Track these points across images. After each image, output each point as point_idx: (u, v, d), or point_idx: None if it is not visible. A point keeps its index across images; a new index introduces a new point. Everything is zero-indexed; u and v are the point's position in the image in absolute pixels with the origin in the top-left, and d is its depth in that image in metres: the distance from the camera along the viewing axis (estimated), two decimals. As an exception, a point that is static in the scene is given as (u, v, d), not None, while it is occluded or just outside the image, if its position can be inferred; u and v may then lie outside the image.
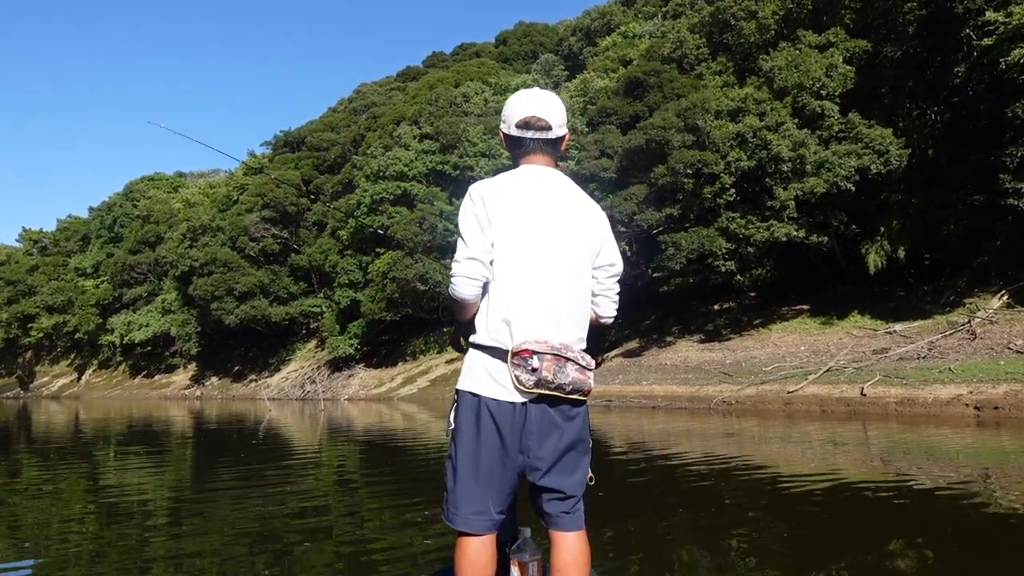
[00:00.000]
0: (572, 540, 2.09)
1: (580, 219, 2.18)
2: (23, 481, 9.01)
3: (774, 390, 15.54)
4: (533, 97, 2.23)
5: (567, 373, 2.01)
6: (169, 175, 58.26)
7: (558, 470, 2.08)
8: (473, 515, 2.02)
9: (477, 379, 2.07)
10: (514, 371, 2.00)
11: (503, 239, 2.07)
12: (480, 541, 2.02)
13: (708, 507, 6.01)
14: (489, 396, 2.03)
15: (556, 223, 2.12)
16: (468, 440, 2.05)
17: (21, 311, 52.43)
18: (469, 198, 2.12)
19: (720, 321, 23.19)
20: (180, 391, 43.75)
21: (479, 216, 2.07)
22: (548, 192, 2.16)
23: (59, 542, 5.37)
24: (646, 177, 20.89)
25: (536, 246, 2.09)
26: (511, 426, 2.02)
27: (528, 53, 44.61)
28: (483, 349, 2.08)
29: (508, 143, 2.26)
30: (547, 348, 2.01)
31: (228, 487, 8.02)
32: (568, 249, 2.13)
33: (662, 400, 17.66)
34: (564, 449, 2.07)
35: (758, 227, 19.67)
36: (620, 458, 9.79)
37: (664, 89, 22.44)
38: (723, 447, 10.30)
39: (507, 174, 2.19)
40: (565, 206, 2.17)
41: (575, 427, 2.09)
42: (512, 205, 2.09)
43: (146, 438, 15.75)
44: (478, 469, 2.03)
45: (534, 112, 2.20)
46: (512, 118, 2.21)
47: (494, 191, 2.11)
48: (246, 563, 4.63)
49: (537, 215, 2.10)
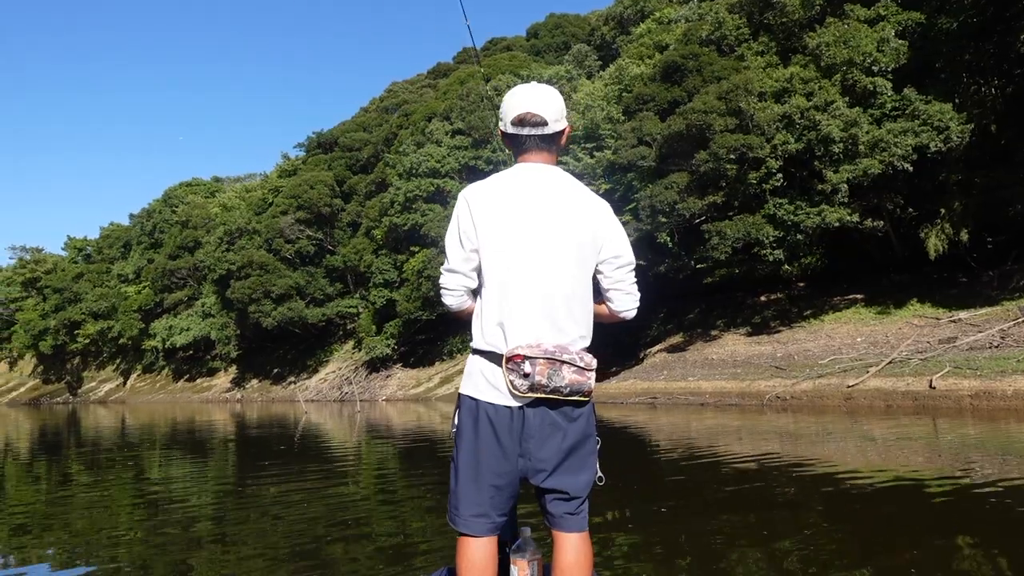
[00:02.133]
0: (575, 541, 2.07)
1: (576, 215, 2.10)
2: (75, 485, 9.16)
3: (832, 384, 14.62)
4: (528, 92, 2.17)
5: (563, 376, 1.99)
6: (206, 180, 58.94)
7: (562, 471, 2.06)
8: (473, 517, 2.03)
9: (476, 384, 2.08)
10: (508, 376, 1.99)
11: (492, 242, 2.05)
12: (481, 542, 2.02)
13: (760, 507, 5.66)
14: (486, 400, 2.04)
15: (548, 221, 2.07)
16: (468, 443, 2.06)
17: (68, 318, 53.46)
18: (458, 201, 2.11)
19: (768, 313, 22.20)
20: (221, 394, 44.08)
21: (462, 223, 2.08)
22: (541, 190, 2.10)
23: (109, 545, 5.46)
24: (687, 164, 20.03)
25: (527, 247, 2.05)
26: (509, 430, 2.02)
27: (560, 45, 43.77)
28: (480, 354, 2.09)
29: (506, 141, 2.21)
30: (540, 352, 1.99)
31: (269, 488, 8.04)
32: (562, 247, 2.07)
33: (710, 397, 16.83)
34: (568, 450, 2.06)
35: (808, 213, 18.68)
36: (667, 457, 9.22)
37: (703, 72, 21.52)
38: (777, 445, 9.63)
39: (500, 174, 2.15)
40: (559, 203, 2.10)
41: (578, 428, 2.08)
42: (501, 207, 2.06)
43: (190, 442, 15.83)
44: (478, 472, 2.04)
45: (528, 108, 2.14)
46: (508, 115, 2.16)
47: (482, 195, 2.09)
48: (289, 561, 4.68)
49: (528, 215, 2.06)
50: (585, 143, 24.31)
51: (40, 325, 55.76)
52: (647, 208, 20.24)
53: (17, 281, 61.44)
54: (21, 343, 57.90)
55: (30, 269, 60.99)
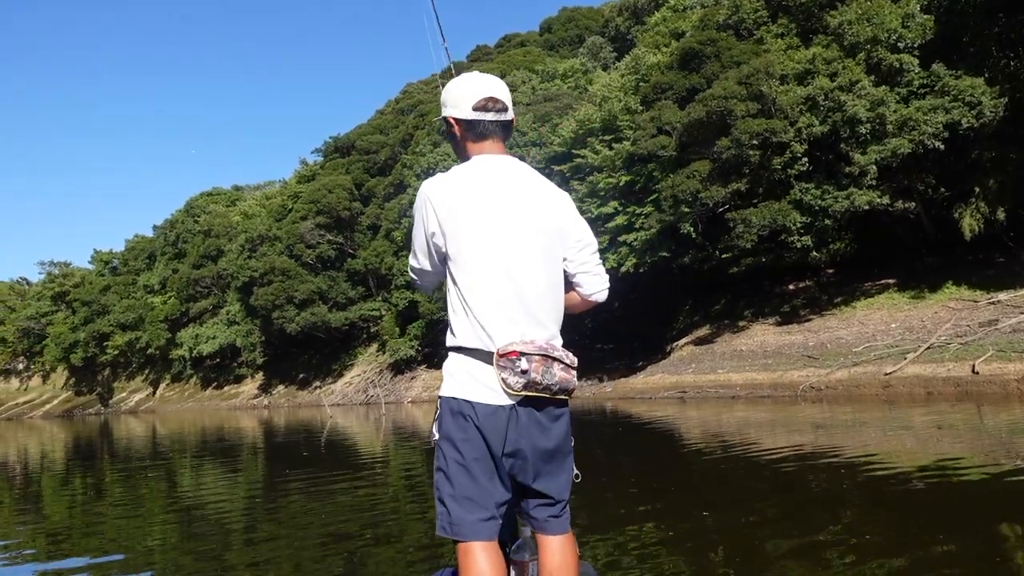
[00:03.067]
0: (560, 543, 2.04)
1: (543, 206, 2.08)
2: (109, 494, 9.37)
3: (868, 372, 14.14)
4: (486, 79, 2.15)
5: (554, 373, 1.96)
6: (227, 189, 59.37)
7: (545, 474, 2.03)
8: (479, 522, 1.94)
9: (461, 383, 1.99)
10: (501, 373, 1.94)
11: (467, 240, 2.00)
12: (490, 547, 1.94)
13: (795, 499, 5.57)
14: (475, 400, 1.96)
15: (520, 215, 2.03)
16: (458, 447, 1.97)
17: (97, 330, 54.15)
18: (420, 193, 2.05)
19: (797, 301, 21.67)
20: (249, 401, 44.34)
21: (427, 223, 2.03)
22: (508, 183, 2.06)
23: (143, 551, 5.59)
24: (709, 152, 19.59)
25: (506, 242, 2.01)
26: (497, 429, 1.95)
27: (574, 38, 43.43)
28: (465, 352, 2.01)
29: (460, 128, 2.12)
30: (534, 348, 1.95)
31: (297, 492, 8.17)
32: (536, 241, 2.05)
33: (741, 389, 16.42)
34: (551, 452, 2.02)
35: (835, 197, 18.15)
36: (698, 451, 8.93)
37: (722, 58, 21.04)
38: (811, 436, 9.31)
39: (461, 168, 2.08)
40: (527, 196, 2.07)
41: (561, 428, 2.05)
42: (470, 203, 2.00)
43: (219, 449, 15.93)
44: (474, 475, 1.96)
45: (491, 93, 2.11)
46: (466, 100, 2.10)
47: (446, 191, 2.02)
48: (318, 563, 4.75)
49: (500, 209, 2.02)
50: (603, 135, 23.94)
51: (70, 338, 56.57)
52: (669, 198, 19.84)
53: (47, 296, 62.41)
54: (53, 356, 58.78)
55: (59, 283, 61.91)
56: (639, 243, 21.71)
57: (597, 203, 23.05)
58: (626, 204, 22.58)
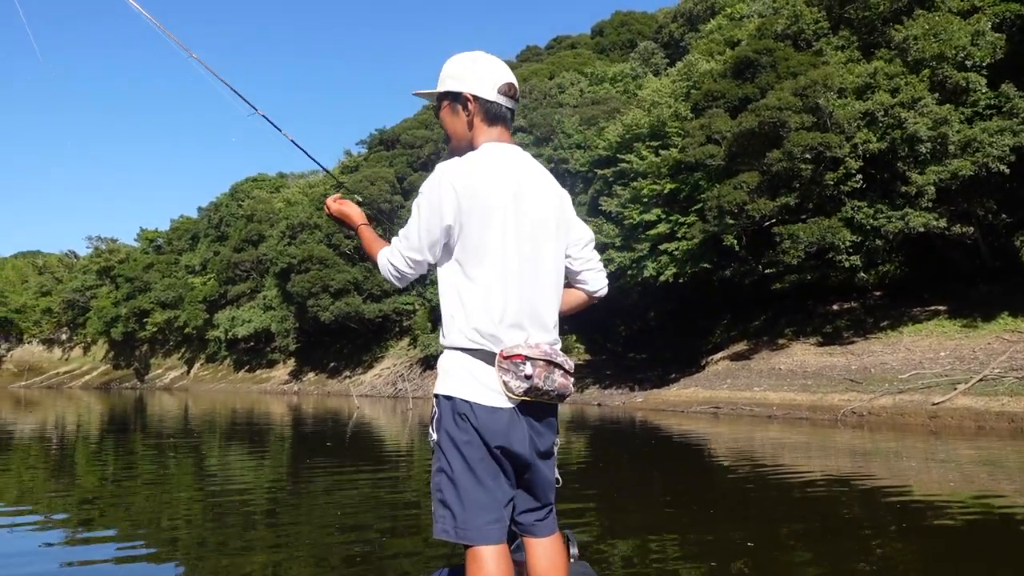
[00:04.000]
0: (548, 544, 2.02)
1: (554, 202, 2.03)
2: (139, 467, 9.52)
3: (915, 401, 13.54)
4: (500, 62, 2.05)
5: (554, 380, 1.91)
6: (271, 176, 60.17)
7: (533, 480, 1.99)
8: (488, 525, 1.88)
9: (461, 382, 1.92)
10: (503, 375, 1.88)
11: (489, 235, 1.90)
12: (501, 550, 1.89)
13: (826, 529, 5.33)
14: (475, 400, 1.89)
15: (541, 213, 1.98)
16: (461, 449, 1.90)
17: (138, 306, 55.31)
18: (438, 181, 1.90)
19: (841, 322, 21.00)
20: (279, 386, 44.78)
21: (445, 210, 1.89)
22: (524, 176, 1.98)
23: (168, 524, 5.76)
24: (758, 163, 19.08)
25: (524, 240, 1.94)
26: (496, 430, 1.89)
27: (625, 43, 42.98)
28: (466, 352, 1.92)
29: (476, 107, 1.99)
30: (539, 353, 1.90)
31: (320, 479, 8.26)
32: (551, 240, 2.00)
33: (778, 409, 15.90)
34: (541, 457, 1.99)
35: (889, 217, 17.50)
36: (728, 470, 8.54)
37: (778, 68, 20.50)
38: (849, 463, 8.89)
39: (479, 156, 1.96)
40: (540, 190, 2.00)
41: (551, 433, 2.02)
42: (497, 195, 1.91)
43: (248, 431, 16.01)
44: (480, 478, 1.89)
45: (511, 79, 2.05)
46: (490, 80, 2.00)
47: (469, 180, 1.90)
48: (337, 547, 4.82)
49: (523, 205, 1.94)
50: (650, 141, 23.53)
51: (112, 312, 57.87)
52: (714, 209, 19.37)
53: (93, 270, 64.00)
54: (95, 329, 60.21)
55: (104, 258, 63.43)
56: (680, 253, 21.27)
57: (640, 209, 22.66)
58: (669, 212, 22.15)
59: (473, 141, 2.02)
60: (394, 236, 2.04)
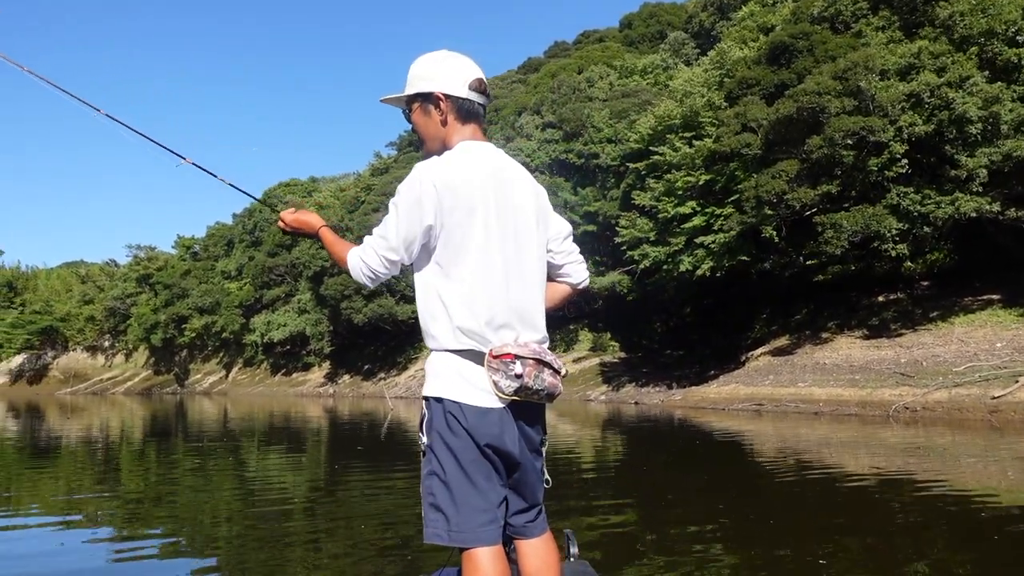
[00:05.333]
0: (539, 544, 1.99)
1: (533, 199, 2.01)
2: (181, 469, 9.78)
3: (973, 395, 12.85)
4: (469, 59, 2.02)
5: (543, 379, 1.88)
6: (303, 180, 60.63)
7: (523, 480, 1.96)
8: (483, 526, 1.84)
9: (451, 384, 1.88)
10: (492, 375, 1.85)
11: (472, 234, 1.87)
12: (497, 551, 1.86)
13: (878, 530, 5.04)
14: (464, 401, 1.86)
15: (522, 211, 1.96)
16: (453, 451, 1.86)
17: (176, 312, 56.14)
18: (418, 181, 1.86)
19: (887, 314, 20.19)
20: (315, 388, 45.04)
21: (425, 209, 1.84)
22: (507, 175, 1.96)
23: (209, 525, 5.84)
24: (797, 151, 18.42)
25: (508, 239, 1.92)
26: (486, 431, 1.85)
27: (655, 35, 42.26)
28: (454, 352, 1.89)
29: (448, 106, 1.97)
30: (529, 352, 1.87)
31: (356, 479, 8.37)
32: (534, 237, 1.99)
33: (825, 405, 15.28)
34: (529, 458, 1.96)
35: (938, 202, 16.73)
36: (774, 470, 8.09)
37: (815, 52, 19.80)
38: (903, 461, 8.37)
39: (457, 155, 1.93)
40: (524, 190, 1.99)
41: (539, 433, 2.00)
42: (478, 194, 1.88)
43: (285, 433, 16.15)
44: (474, 480, 1.86)
45: (480, 75, 2.01)
46: (460, 77, 1.97)
47: (452, 178, 1.86)
48: (374, 542, 4.91)
49: (505, 204, 1.92)
50: (683, 132, 22.95)
51: (152, 319, 58.83)
52: (752, 199, 18.76)
53: (132, 277, 65.18)
54: (135, 336, 61.28)
55: (143, 266, 64.52)
56: (717, 246, 20.68)
57: (674, 202, 22.11)
58: (705, 204, 21.57)
59: (447, 141, 1.99)
60: (367, 236, 1.98)
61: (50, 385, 66.66)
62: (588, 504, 6.30)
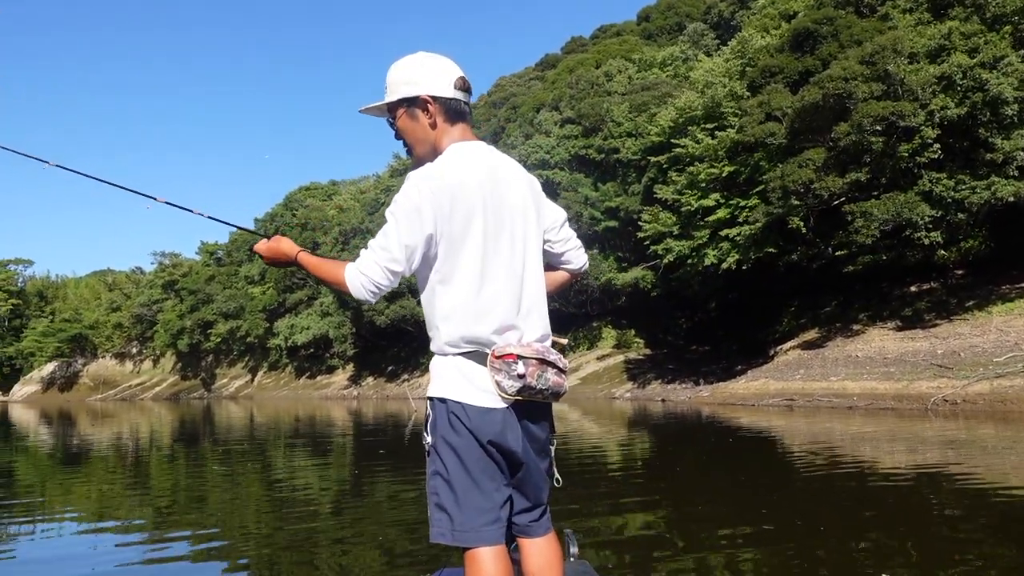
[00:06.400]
0: (541, 544, 1.98)
1: (528, 195, 1.98)
2: (210, 472, 9.85)
3: (1017, 386, 12.35)
4: (446, 59, 1.99)
5: (547, 378, 1.87)
6: (324, 184, 60.87)
7: (526, 480, 1.95)
8: (486, 526, 1.85)
9: (454, 384, 1.89)
10: (495, 375, 1.85)
11: (470, 239, 1.86)
12: (499, 551, 1.86)
13: (916, 527, 4.86)
14: (467, 402, 1.86)
15: (519, 210, 1.94)
16: (456, 451, 1.87)
17: (201, 318, 56.67)
18: (416, 190, 1.84)
19: (921, 304, 19.63)
20: (339, 391, 45.15)
21: (423, 216, 1.82)
22: (501, 174, 1.94)
23: (238, 524, 5.91)
24: (824, 139, 17.96)
25: (507, 240, 1.90)
26: (489, 431, 1.86)
27: (673, 27, 41.72)
28: (457, 354, 1.89)
29: (436, 108, 1.94)
30: (532, 352, 1.86)
31: (382, 480, 8.35)
32: (532, 235, 1.97)
33: (859, 399, 14.82)
34: (538, 457, 1.95)
35: (972, 187, 16.18)
36: (808, 466, 7.74)
37: (840, 37, 19.32)
38: (942, 457, 7.97)
39: (449, 159, 1.90)
40: (519, 187, 1.96)
41: (544, 433, 1.98)
42: (473, 198, 1.86)
43: (311, 436, 16.18)
44: (477, 480, 1.87)
45: (462, 73, 1.98)
46: (444, 77, 1.95)
47: (444, 184, 1.84)
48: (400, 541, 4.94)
49: (501, 205, 1.91)
50: (705, 123, 22.53)
51: (178, 325, 59.46)
52: (777, 190, 18.32)
53: (158, 284, 65.97)
54: (162, 342, 61.98)
55: (169, 273, 65.27)
56: (742, 238, 20.25)
57: (697, 195, 21.71)
58: (729, 196, 21.14)
59: (437, 144, 1.96)
60: (363, 249, 1.91)
61: (80, 392, 67.68)
62: (615, 503, 6.03)
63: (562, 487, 2.08)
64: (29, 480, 9.78)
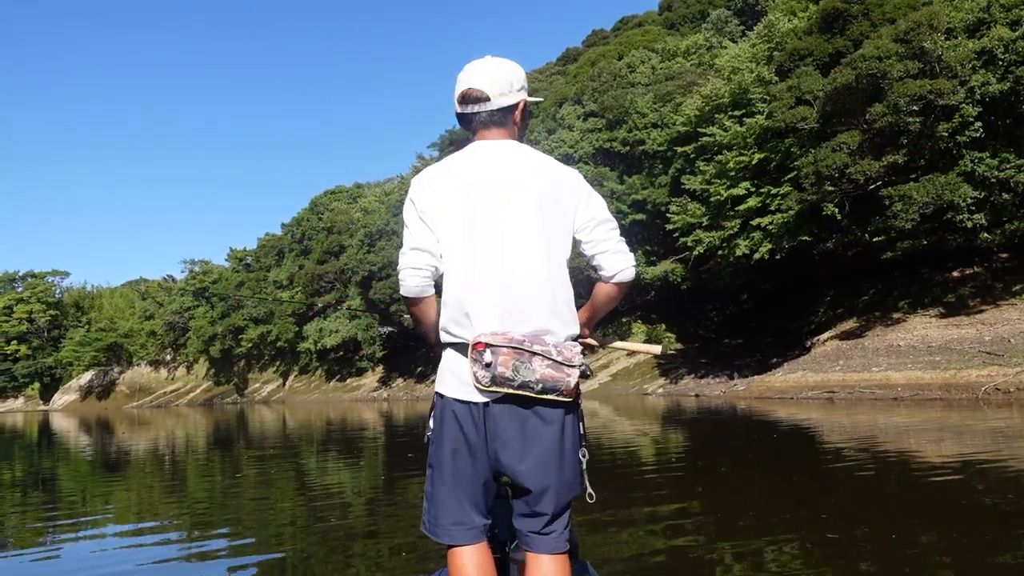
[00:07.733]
0: (543, 564, 1.85)
1: (539, 187, 1.93)
2: (245, 475, 9.91)
3: (1074, 372, 11.75)
4: (468, 69, 2.02)
5: (533, 369, 1.79)
6: (348, 186, 61.07)
7: (527, 483, 1.84)
8: (453, 526, 1.87)
9: (444, 379, 1.94)
10: (472, 367, 1.83)
11: (452, 226, 1.90)
12: (469, 550, 1.86)
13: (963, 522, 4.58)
14: (452, 396, 1.89)
15: (508, 198, 1.91)
16: (442, 445, 1.89)
17: (232, 324, 57.26)
18: (410, 186, 1.98)
19: (964, 290, 18.94)
20: (369, 393, 45.23)
21: (418, 205, 1.93)
22: (496, 165, 1.94)
23: (274, 530, 5.88)
24: (858, 121, 17.36)
25: (491, 229, 1.89)
26: (475, 428, 1.85)
27: (696, 15, 41.00)
28: (448, 346, 1.94)
29: (460, 123, 2.06)
30: (504, 340, 1.81)
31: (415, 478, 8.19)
32: (532, 225, 1.91)
33: (904, 390, 14.27)
34: (535, 459, 1.83)
35: (1018, 166, 15.51)
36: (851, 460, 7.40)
37: (872, 15, 18.69)
38: (993, 447, 7.57)
39: (453, 155, 2.00)
40: (517, 177, 1.93)
41: (551, 434, 1.84)
42: (456, 187, 1.91)
43: (342, 438, 16.25)
44: (451, 476, 1.88)
45: (468, 84, 2.00)
46: (455, 97, 2.04)
47: (435, 177, 1.95)
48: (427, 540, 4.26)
49: (485, 192, 1.90)
50: (732, 110, 21.99)
51: (209, 331, 60.14)
52: (811, 175, 17.76)
53: (189, 291, 66.85)
54: (195, 348, 62.77)
55: (199, 279, 66.09)
56: (775, 227, 19.70)
57: (727, 184, 21.18)
58: (760, 184, 20.59)
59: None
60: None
61: (118, 400, 68.86)
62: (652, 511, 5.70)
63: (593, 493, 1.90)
64: (72, 486, 9.95)
